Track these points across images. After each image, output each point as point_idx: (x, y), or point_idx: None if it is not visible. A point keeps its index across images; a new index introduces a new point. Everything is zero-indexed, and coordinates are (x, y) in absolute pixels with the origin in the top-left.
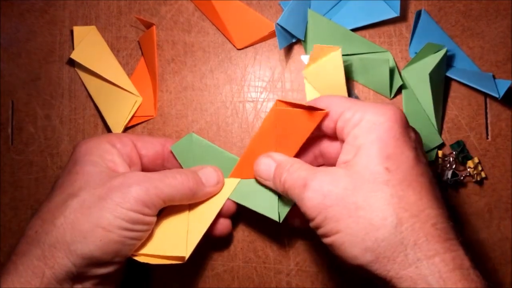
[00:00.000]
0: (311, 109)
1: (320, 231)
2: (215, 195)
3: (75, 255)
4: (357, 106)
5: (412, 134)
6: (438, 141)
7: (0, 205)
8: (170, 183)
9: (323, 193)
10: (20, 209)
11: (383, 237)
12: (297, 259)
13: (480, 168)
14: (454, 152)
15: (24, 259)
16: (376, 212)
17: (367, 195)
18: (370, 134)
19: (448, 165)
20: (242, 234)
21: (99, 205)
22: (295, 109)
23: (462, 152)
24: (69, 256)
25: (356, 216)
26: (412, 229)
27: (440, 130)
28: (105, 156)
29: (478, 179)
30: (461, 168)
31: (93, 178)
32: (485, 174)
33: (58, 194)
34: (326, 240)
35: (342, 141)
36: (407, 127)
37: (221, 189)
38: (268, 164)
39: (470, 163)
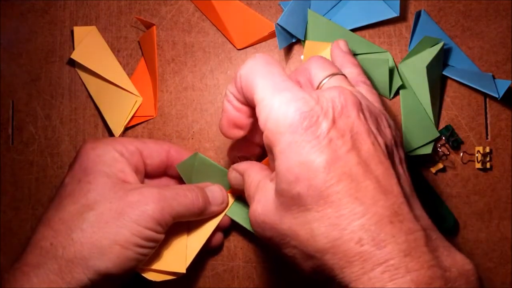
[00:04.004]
0: None
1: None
2: (218, 214)
3: (92, 271)
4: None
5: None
6: (435, 134)
7: (0, 205)
8: (182, 202)
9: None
10: (21, 209)
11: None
12: None
13: (488, 158)
14: (444, 137)
15: (39, 271)
16: None
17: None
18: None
19: (440, 151)
20: (242, 234)
21: (117, 221)
22: None
23: (452, 136)
24: (86, 272)
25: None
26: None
27: (437, 124)
28: (115, 166)
29: (481, 166)
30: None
31: (108, 190)
32: (491, 165)
33: (70, 203)
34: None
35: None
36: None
37: (224, 209)
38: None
39: (480, 149)
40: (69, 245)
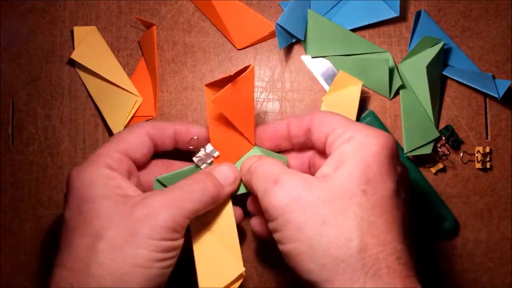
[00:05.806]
0: (239, 74)
1: (278, 235)
2: (232, 194)
3: None
4: (351, 125)
5: (399, 168)
6: (435, 134)
7: (0, 205)
8: (192, 198)
9: (293, 195)
10: (21, 209)
11: (343, 258)
12: None
13: (488, 158)
14: (444, 137)
15: None
16: (343, 231)
17: (338, 211)
18: (357, 153)
19: (440, 151)
20: (242, 234)
21: (131, 243)
22: (227, 87)
23: (452, 136)
24: None
25: (320, 229)
26: (376, 257)
27: (437, 124)
28: (109, 184)
29: (481, 166)
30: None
31: (113, 213)
32: (491, 165)
33: (78, 238)
34: (282, 247)
35: (329, 155)
36: (395, 158)
37: (238, 186)
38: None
39: (480, 149)
40: (90, 282)
